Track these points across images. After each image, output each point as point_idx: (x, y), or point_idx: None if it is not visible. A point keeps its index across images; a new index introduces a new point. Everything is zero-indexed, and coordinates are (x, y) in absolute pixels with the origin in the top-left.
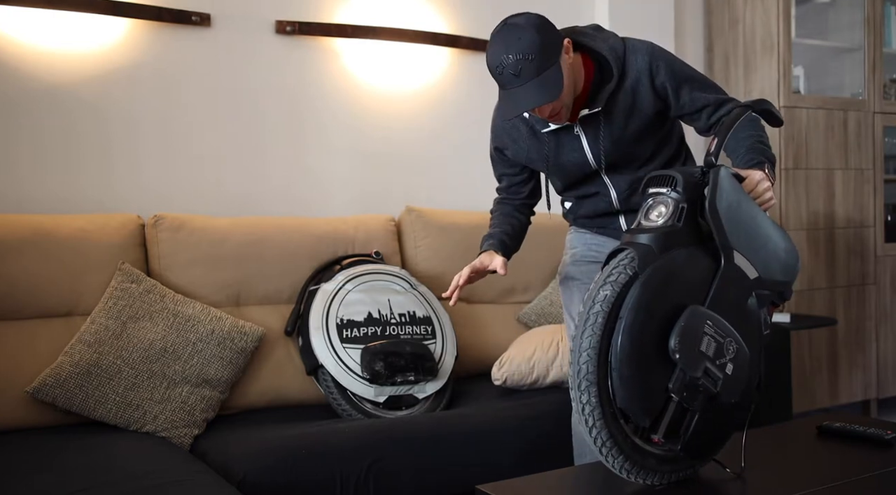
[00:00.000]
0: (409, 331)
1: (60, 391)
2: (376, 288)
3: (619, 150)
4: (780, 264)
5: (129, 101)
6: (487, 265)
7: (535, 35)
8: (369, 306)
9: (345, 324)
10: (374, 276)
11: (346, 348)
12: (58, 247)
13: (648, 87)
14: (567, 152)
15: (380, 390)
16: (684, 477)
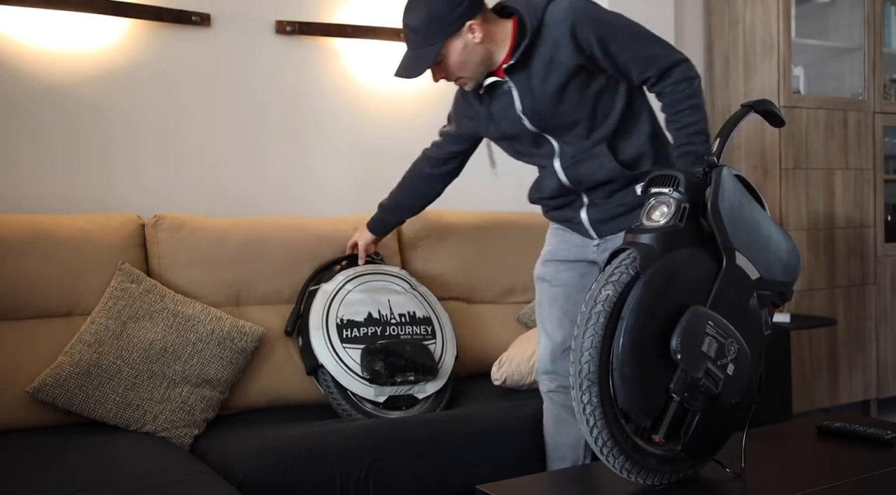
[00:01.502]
0: (409, 332)
1: (60, 391)
2: (376, 288)
3: (544, 106)
4: (781, 264)
5: (129, 101)
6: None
7: (427, 12)
8: (369, 306)
9: (345, 324)
10: (375, 277)
11: (346, 348)
12: (58, 247)
13: (568, 39)
14: (502, 110)
15: (380, 390)
16: (684, 477)
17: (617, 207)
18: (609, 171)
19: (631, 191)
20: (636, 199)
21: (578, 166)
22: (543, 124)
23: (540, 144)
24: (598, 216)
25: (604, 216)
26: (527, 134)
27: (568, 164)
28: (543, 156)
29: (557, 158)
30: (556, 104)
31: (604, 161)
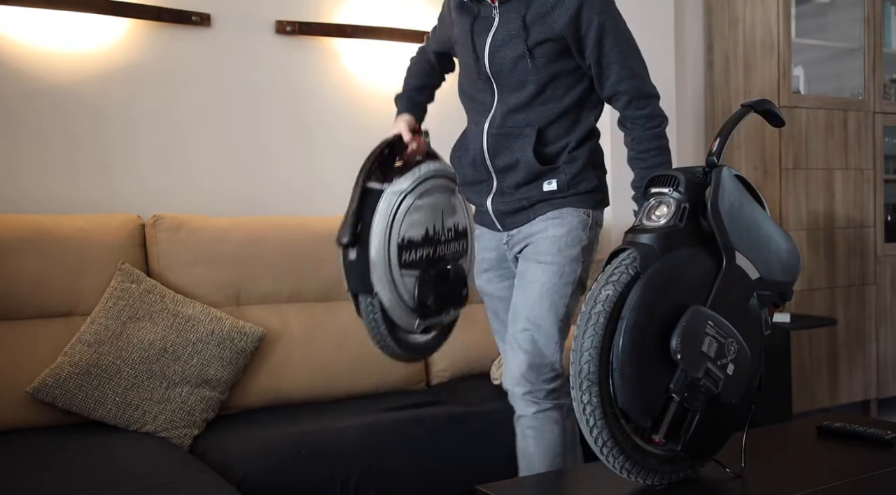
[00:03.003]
0: (452, 250)
1: (60, 391)
2: (438, 195)
3: (507, 49)
4: (781, 264)
5: (129, 100)
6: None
7: None
8: (428, 221)
9: (405, 245)
10: (437, 181)
11: (403, 275)
12: (58, 247)
13: (573, 8)
14: (478, 33)
15: (423, 322)
16: (684, 477)
17: (521, 200)
18: (526, 157)
19: (538, 186)
20: (542, 195)
21: (502, 139)
22: (498, 67)
23: (483, 90)
24: (502, 207)
25: (508, 208)
26: (482, 70)
27: (494, 131)
28: (480, 109)
29: (488, 120)
30: (519, 58)
31: (525, 144)
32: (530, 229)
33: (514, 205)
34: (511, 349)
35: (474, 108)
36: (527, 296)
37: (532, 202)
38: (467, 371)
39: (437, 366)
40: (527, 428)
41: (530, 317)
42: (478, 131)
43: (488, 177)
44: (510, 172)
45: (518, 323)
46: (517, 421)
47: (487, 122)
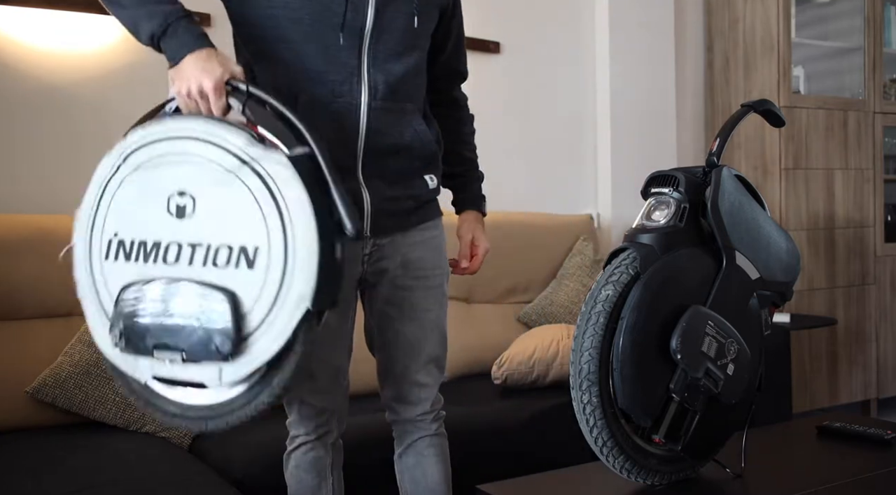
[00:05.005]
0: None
1: (60, 391)
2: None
3: (399, 2)
4: (781, 265)
5: (129, 101)
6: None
7: None
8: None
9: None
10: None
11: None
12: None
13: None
14: None
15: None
16: (684, 477)
17: (407, 199)
18: (421, 138)
19: (421, 180)
20: (426, 193)
21: (388, 115)
22: (383, 24)
23: (343, 49)
24: (386, 205)
25: (394, 207)
26: (355, 24)
27: (379, 104)
28: (334, 71)
29: (365, 89)
30: (408, 17)
31: (416, 122)
32: (407, 240)
33: (398, 205)
34: (408, 384)
35: (316, 71)
36: (424, 330)
37: (418, 203)
38: (467, 371)
39: None
40: (429, 447)
41: (432, 354)
42: (348, 103)
43: (353, 162)
44: (390, 157)
45: (419, 359)
46: (413, 446)
47: (365, 91)
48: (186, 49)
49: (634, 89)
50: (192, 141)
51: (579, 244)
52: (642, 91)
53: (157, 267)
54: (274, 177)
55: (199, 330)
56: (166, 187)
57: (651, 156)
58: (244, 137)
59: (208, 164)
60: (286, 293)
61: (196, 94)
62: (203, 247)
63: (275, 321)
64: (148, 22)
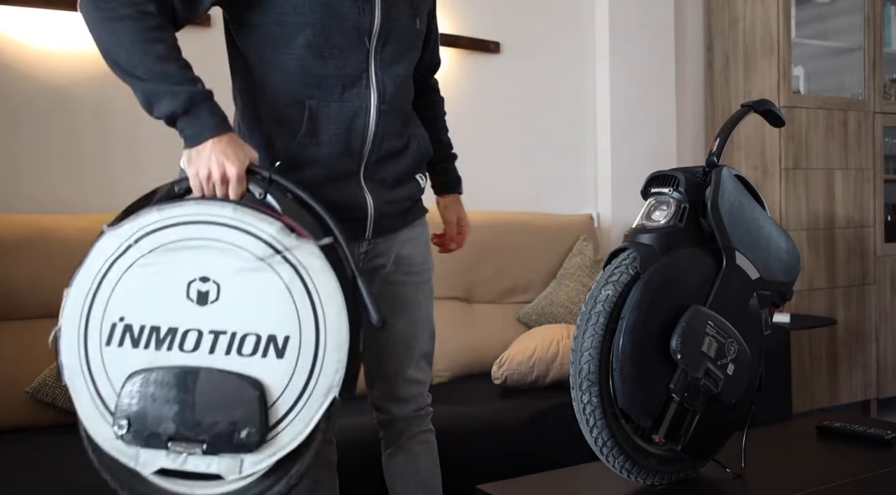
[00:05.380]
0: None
1: (60, 391)
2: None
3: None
4: (781, 264)
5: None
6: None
7: None
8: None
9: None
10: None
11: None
12: (58, 247)
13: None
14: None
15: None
16: (684, 477)
17: (405, 201)
18: (421, 141)
19: (414, 181)
20: (418, 192)
21: (394, 117)
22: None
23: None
24: (389, 208)
25: (394, 209)
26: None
27: (387, 106)
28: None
29: (374, 92)
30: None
31: (416, 124)
32: (399, 237)
33: (397, 206)
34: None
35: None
36: (415, 326)
37: (413, 202)
38: (467, 371)
39: (437, 366)
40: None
41: (423, 350)
42: (357, 107)
43: (357, 167)
44: (391, 161)
45: (412, 355)
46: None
47: (374, 94)
48: (209, 133)
49: (634, 89)
50: (219, 227)
51: (579, 244)
52: (642, 91)
53: (171, 354)
54: (306, 266)
55: (223, 421)
56: (187, 272)
57: (651, 156)
58: (277, 226)
59: (236, 251)
60: (315, 383)
61: (217, 179)
62: (227, 336)
63: (302, 411)
64: (170, 101)
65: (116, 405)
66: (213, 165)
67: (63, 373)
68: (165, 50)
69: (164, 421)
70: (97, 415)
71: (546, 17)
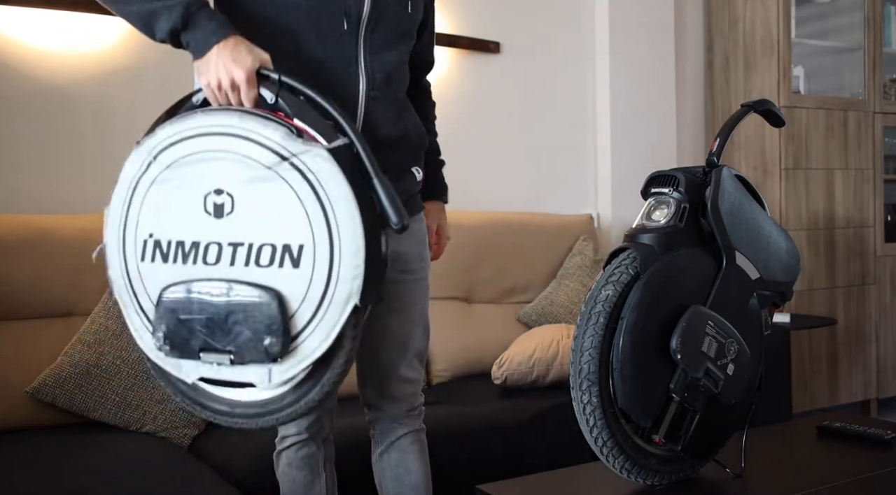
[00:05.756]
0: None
1: (60, 391)
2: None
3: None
4: (781, 264)
5: (129, 101)
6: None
7: None
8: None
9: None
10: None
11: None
12: (58, 247)
13: None
14: None
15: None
16: (684, 477)
17: (402, 194)
18: (418, 130)
19: (410, 174)
20: (416, 187)
21: (387, 105)
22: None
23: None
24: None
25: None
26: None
27: (377, 93)
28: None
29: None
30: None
31: (409, 115)
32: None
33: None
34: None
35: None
36: (411, 325)
37: (408, 196)
38: (467, 371)
39: (437, 366)
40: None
41: (417, 348)
42: (346, 92)
43: None
44: (384, 152)
45: (406, 353)
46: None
47: (363, 80)
48: (213, 38)
49: (634, 89)
50: (227, 137)
51: (579, 244)
52: (642, 91)
53: (196, 268)
54: (315, 172)
55: (247, 331)
56: (202, 185)
57: (651, 156)
58: (282, 131)
59: (245, 161)
60: (333, 291)
61: (227, 86)
62: (244, 247)
63: (323, 320)
64: (167, 16)
65: (154, 318)
66: (221, 72)
67: (112, 289)
68: None
69: (194, 332)
70: (143, 328)
71: (546, 17)
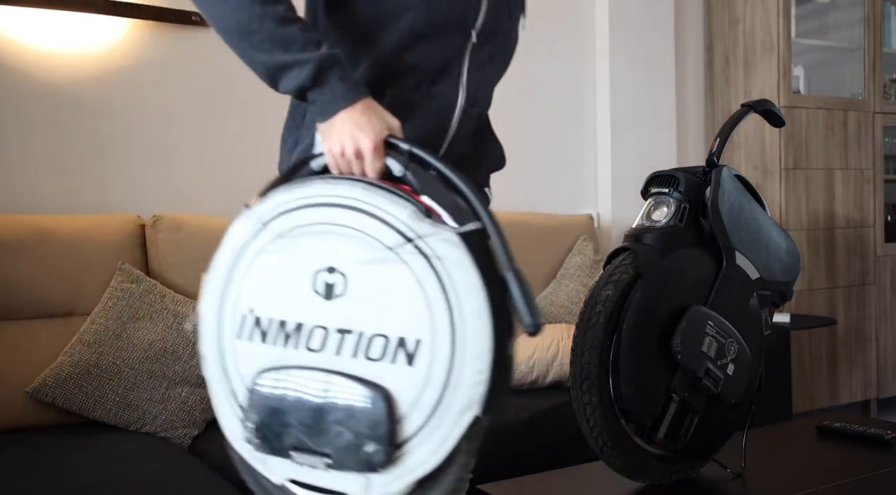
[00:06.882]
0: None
1: (60, 391)
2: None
3: (504, 7)
4: (781, 265)
5: (129, 101)
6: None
7: None
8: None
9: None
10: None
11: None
12: (58, 248)
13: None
14: None
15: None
16: (684, 477)
17: None
18: (496, 149)
19: (484, 193)
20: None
21: (469, 122)
22: (494, 24)
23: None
24: None
25: None
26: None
27: (468, 106)
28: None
29: (463, 90)
30: (517, 18)
31: (491, 131)
32: None
33: None
34: None
35: (416, 65)
36: None
37: None
38: None
39: None
40: None
41: None
42: (445, 103)
43: None
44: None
45: None
46: None
47: (462, 95)
48: (342, 102)
49: (634, 89)
50: (347, 210)
51: (579, 244)
52: (642, 91)
53: (298, 353)
54: (442, 257)
55: (348, 433)
56: (314, 261)
57: (651, 156)
58: (409, 209)
59: (365, 239)
60: (451, 397)
61: (351, 154)
62: (354, 335)
63: (436, 429)
64: (297, 73)
65: (245, 406)
66: (345, 139)
67: (202, 365)
68: (285, 10)
69: (288, 428)
70: (231, 414)
71: (546, 17)
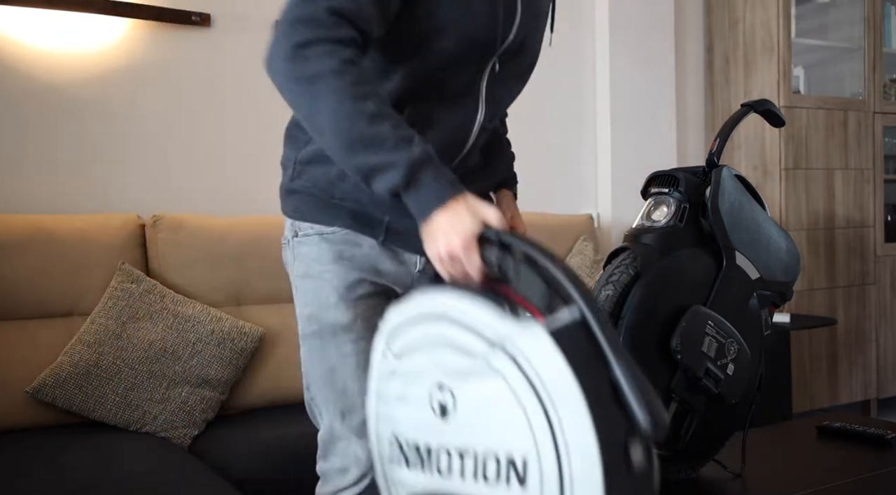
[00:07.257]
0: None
1: (60, 391)
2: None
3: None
4: (781, 265)
5: (128, 101)
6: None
7: None
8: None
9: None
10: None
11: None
12: (58, 247)
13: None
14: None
15: None
16: (685, 476)
17: None
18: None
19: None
20: None
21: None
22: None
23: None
24: None
25: None
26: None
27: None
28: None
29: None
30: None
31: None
32: None
33: None
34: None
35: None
36: None
37: None
38: None
39: None
40: None
41: None
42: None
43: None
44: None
45: None
46: None
47: (482, 110)
48: (436, 203)
49: (634, 89)
50: (440, 321)
51: (579, 244)
52: (642, 91)
53: (433, 478)
54: (530, 358)
55: None
56: (427, 380)
57: (651, 156)
58: (492, 310)
59: (458, 350)
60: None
61: (447, 258)
62: (471, 456)
63: None
64: (389, 176)
65: None
66: (440, 243)
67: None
68: (376, 105)
69: None
70: None
71: None
